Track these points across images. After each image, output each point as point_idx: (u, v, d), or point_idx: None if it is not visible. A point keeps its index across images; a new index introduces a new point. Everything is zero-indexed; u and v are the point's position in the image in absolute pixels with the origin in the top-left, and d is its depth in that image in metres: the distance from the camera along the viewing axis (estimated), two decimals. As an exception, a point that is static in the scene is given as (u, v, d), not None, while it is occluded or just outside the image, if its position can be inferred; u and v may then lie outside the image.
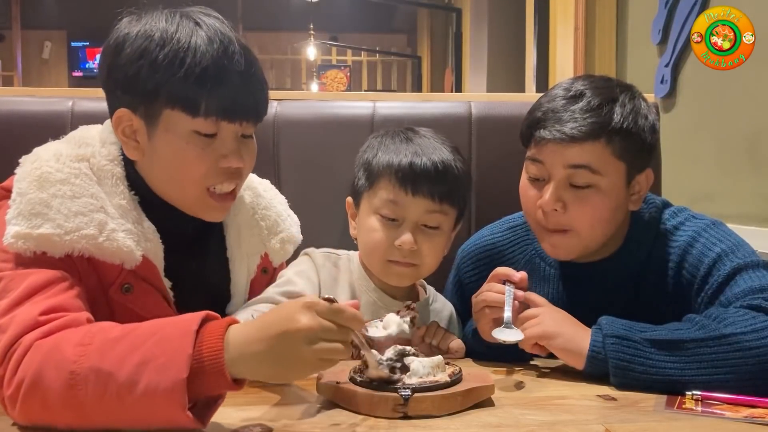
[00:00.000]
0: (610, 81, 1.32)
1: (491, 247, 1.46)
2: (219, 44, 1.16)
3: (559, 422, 1.00)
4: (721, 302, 1.21)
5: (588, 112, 1.23)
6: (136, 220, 1.19)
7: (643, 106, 1.29)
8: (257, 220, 1.38)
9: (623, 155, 1.25)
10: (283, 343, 0.91)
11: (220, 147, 1.19)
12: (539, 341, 1.21)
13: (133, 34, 1.16)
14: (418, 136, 1.35)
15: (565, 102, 1.26)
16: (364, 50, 10.17)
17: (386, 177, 1.30)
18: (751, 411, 1.04)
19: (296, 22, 9.31)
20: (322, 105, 1.79)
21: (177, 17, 1.18)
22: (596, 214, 1.26)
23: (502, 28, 5.66)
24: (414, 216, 1.29)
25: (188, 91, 1.14)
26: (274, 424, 0.98)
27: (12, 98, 1.70)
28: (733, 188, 2.26)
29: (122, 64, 1.16)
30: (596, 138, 1.23)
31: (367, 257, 1.35)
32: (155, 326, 0.95)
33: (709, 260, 1.25)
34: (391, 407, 1.00)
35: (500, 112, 1.76)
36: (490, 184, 1.71)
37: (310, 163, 1.67)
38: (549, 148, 1.25)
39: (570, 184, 1.25)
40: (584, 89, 1.27)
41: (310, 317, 0.91)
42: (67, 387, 0.91)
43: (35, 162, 1.16)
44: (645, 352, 1.13)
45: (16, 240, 1.08)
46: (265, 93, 1.23)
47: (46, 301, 1.03)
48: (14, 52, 8.83)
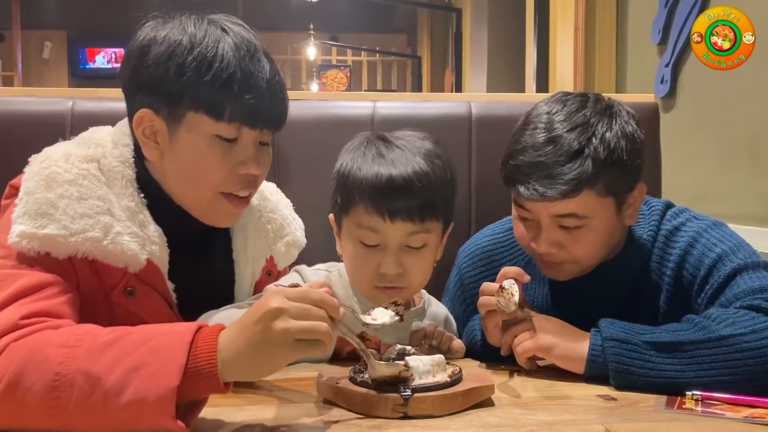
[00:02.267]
0: (584, 106, 1.25)
1: (492, 248, 1.45)
2: (245, 51, 1.17)
3: (559, 422, 1.00)
4: (722, 302, 1.20)
5: (567, 164, 1.18)
6: (142, 223, 1.19)
7: (620, 124, 1.23)
8: (263, 223, 1.38)
9: (609, 190, 1.21)
10: (256, 328, 0.92)
11: (239, 153, 1.19)
12: (537, 354, 1.21)
13: (160, 38, 1.17)
14: (391, 149, 1.25)
15: (540, 153, 1.20)
16: (364, 50, 10.17)
17: (362, 203, 1.23)
18: (751, 411, 1.04)
19: (296, 22, 9.31)
20: (322, 105, 1.79)
21: (204, 23, 1.19)
22: (593, 246, 1.25)
23: (502, 28, 5.66)
24: (395, 241, 1.23)
25: (214, 96, 1.15)
26: (274, 424, 0.98)
27: (12, 98, 1.70)
28: (733, 188, 2.26)
29: (148, 66, 1.17)
30: (578, 191, 1.19)
31: (354, 283, 1.31)
32: (148, 333, 0.95)
33: (710, 260, 1.24)
34: (391, 407, 1.00)
35: (500, 112, 1.75)
36: (490, 184, 1.71)
37: (310, 163, 1.67)
38: (530, 202, 1.23)
39: (560, 226, 1.24)
40: (560, 131, 1.21)
41: (278, 299, 0.92)
42: (49, 389, 0.90)
43: (44, 161, 1.17)
44: (644, 355, 1.13)
45: (20, 239, 1.08)
46: (286, 102, 1.24)
47: (32, 305, 1.02)
48: (14, 52, 8.82)
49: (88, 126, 1.32)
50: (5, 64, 8.99)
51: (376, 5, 8.93)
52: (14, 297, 1.03)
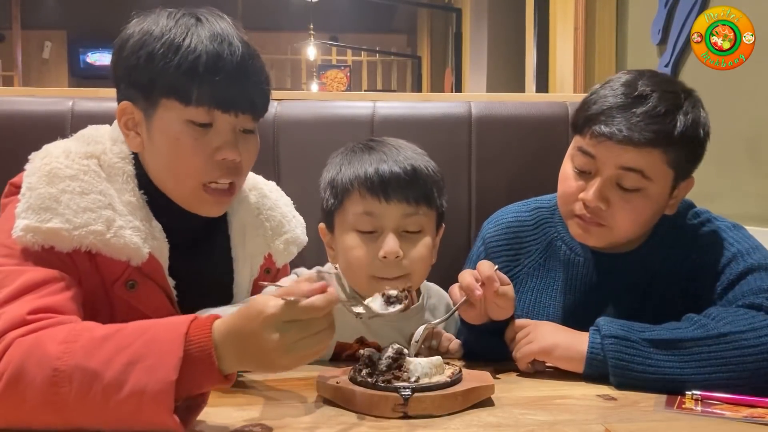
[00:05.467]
0: (675, 85, 1.28)
1: (517, 225, 1.43)
2: (215, 37, 1.17)
3: (559, 422, 1.00)
4: (728, 299, 1.22)
5: (652, 118, 1.20)
6: (144, 217, 1.20)
7: (702, 115, 1.26)
8: (262, 220, 1.38)
9: (675, 164, 1.23)
10: (255, 354, 0.91)
11: (214, 138, 1.19)
12: (537, 357, 1.21)
13: (137, 32, 1.19)
14: (381, 145, 1.28)
15: (629, 101, 1.22)
16: (364, 50, 10.17)
17: (355, 190, 1.24)
18: (751, 411, 1.04)
19: (296, 22, 9.31)
20: (322, 105, 1.79)
21: (179, 15, 1.20)
22: (638, 216, 1.25)
23: (502, 28, 5.65)
24: (392, 223, 1.23)
25: (180, 79, 1.15)
26: (274, 424, 0.98)
27: (12, 98, 1.70)
28: (733, 188, 2.26)
29: (124, 58, 1.19)
30: (655, 146, 1.20)
31: (352, 277, 1.29)
32: (143, 327, 0.95)
33: (725, 259, 1.26)
34: (391, 407, 1.00)
35: (500, 112, 1.76)
36: (490, 184, 1.71)
37: (310, 163, 1.67)
38: (604, 145, 1.22)
39: (617, 184, 1.24)
40: (650, 91, 1.22)
41: (275, 332, 0.90)
42: (49, 384, 0.90)
43: (45, 158, 1.17)
44: (644, 352, 1.14)
45: (25, 233, 1.09)
46: (262, 87, 1.22)
47: (38, 301, 1.02)
48: (14, 52, 8.82)
49: (89, 126, 1.32)
50: (5, 64, 9.00)
51: (376, 5, 8.93)
52: (20, 292, 1.03)
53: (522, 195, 1.52)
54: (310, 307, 0.91)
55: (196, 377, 0.91)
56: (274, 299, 0.91)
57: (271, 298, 0.92)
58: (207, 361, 0.90)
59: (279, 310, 0.90)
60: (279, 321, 0.90)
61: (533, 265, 1.40)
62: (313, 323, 0.92)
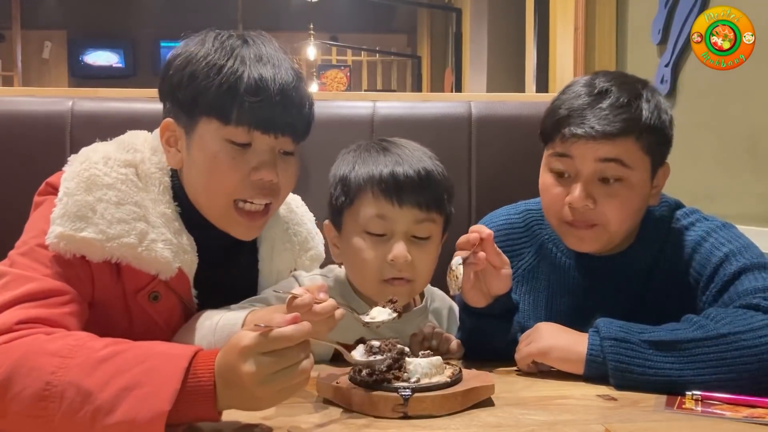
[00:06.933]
0: (628, 77, 1.32)
1: (508, 227, 1.45)
2: (259, 58, 1.18)
3: (559, 422, 1.00)
4: (724, 301, 1.21)
5: (618, 109, 1.24)
6: (176, 231, 1.20)
7: (662, 101, 1.30)
8: (290, 235, 1.38)
9: (650, 150, 1.26)
10: (237, 388, 0.90)
11: (252, 158, 1.19)
12: (536, 359, 1.22)
13: (184, 51, 1.20)
14: (395, 146, 1.29)
15: (591, 99, 1.26)
16: (364, 50, 10.16)
17: (368, 190, 1.24)
18: (751, 411, 1.04)
19: (296, 22, 9.30)
20: (322, 105, 1.78)
21: (226, 36, 1.21)
22: (626, 208, 1.26)
23: (502, 28, 5.65)
24: (403, 227, 1.24)
25: (221, 99, 1.16)
26: (274, 424, 0.98)
27: (12, 98, 1.70)
28: (733, 188, 2.26)
29: (169, 76, 1.20)
30: (628, 134, 1.23)
31: (359, 280, 1.30)
32: (146, 353, 0.94)
33: (717, 260, 1.26)
34: (391, 407, 1.00)
35: (500, 112, 1.76)
36: (490, 184, 1.71)
37: (309, 163, 1.67)
38: (579, 144, 1.24)
39: (599, 180, 1.25)
40: (609, 86, 1.26)
41: (250, 364, 0.88)
42: (38, 398, 0.89)
43: (84, 163, 1.17)
44: (643, 354, 1.14)
45: (58, 241, 1.09)
46: (304, 111, 1.23)
47: (32, 311, 1.02)
48: (14, 52, 8.81)
49: (88, 126, 1.32)
50: (5, 64, 8.99)
51: (376, 5, 8.93)
52: (18, 300, 1.03)
53: (522, 195, 1.52)
54: (280, 337, 0.90)
55: (192, 410, 0.90)
56: (251, 332, 0.90)
57: (248, 333, 0.90)
58: (206, 397, 0.90)
59: (252, 342, 0.89)
60: (254, 352, 0.89)
61: (527, 267, 1.42)
62: (287, 354, 0.91)
